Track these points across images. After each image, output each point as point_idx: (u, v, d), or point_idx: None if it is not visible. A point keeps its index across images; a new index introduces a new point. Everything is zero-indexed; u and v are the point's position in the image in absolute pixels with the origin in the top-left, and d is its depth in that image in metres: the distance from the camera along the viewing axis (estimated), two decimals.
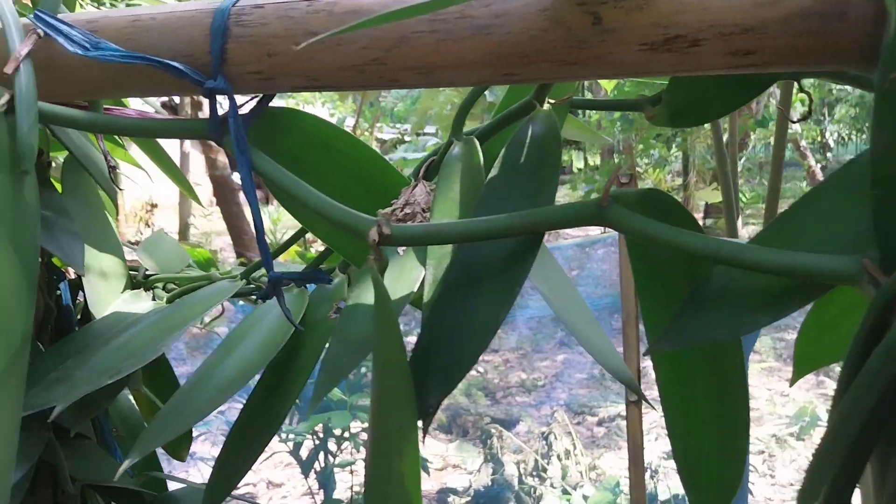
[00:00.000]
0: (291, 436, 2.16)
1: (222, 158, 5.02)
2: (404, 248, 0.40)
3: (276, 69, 0.36)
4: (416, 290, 0.38)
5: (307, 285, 0.47)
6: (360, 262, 0.44)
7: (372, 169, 0.42)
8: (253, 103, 0.40)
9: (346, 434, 2.14)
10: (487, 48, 0.32)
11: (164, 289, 0.62)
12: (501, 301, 0.33)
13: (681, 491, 2.36)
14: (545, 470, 2.37)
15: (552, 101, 0.39)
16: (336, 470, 2.19)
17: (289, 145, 0.41)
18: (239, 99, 0.38)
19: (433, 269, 0.37)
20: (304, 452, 2.22)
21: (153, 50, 0.37)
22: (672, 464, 2.56)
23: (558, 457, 2.43)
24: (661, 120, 0.38)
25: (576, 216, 0.32)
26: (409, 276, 0.39)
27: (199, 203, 0.67)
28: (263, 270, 0.53)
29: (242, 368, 0.41)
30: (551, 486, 2.32)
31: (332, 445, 2.19)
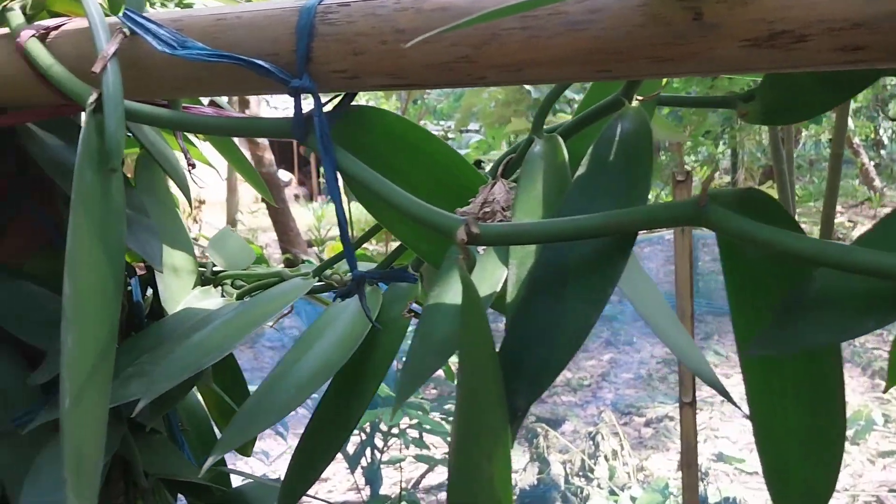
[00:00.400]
0: None
1: (268, 155, 5.09)
2: (484, 247, 0.40)
3: (362, 67, 0.36)
4: (498, 289, 0.38)
5: (380, 283, 0.47)
6: (435, 260, 0.44)
7: (450, 166, 0.42)
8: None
9: (395, 430, 2.15)
10: (580, 45, 0.32)
11: (232, 285, 0.62)
12: (591, 303, 0.32)
13: (731, 493, 2.32)
14: (592, 470, 2.35)
15: (640, 97, 0.38)
16: (383, 466, 2.20)
17: (368, 143, 0.40)
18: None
19: (516, 269, 0.36)
20: (350, 448, 2.23)
21: (238, 48, 0.37)
22: (722, 466, 2.51)
23: (605, 457, 2.40)
24: (754, 117, 0.37)
25: (672, 216, 0.31)
26: (491, 275, 0.38)
27: (271, 201, 0.68)
28: (335, 268, 0.53)
29: (321, 366, 0.41)
30: (598, 486, 2.30)
31: (377, 441, 2.20)
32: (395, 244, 0.52)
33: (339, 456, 2.33)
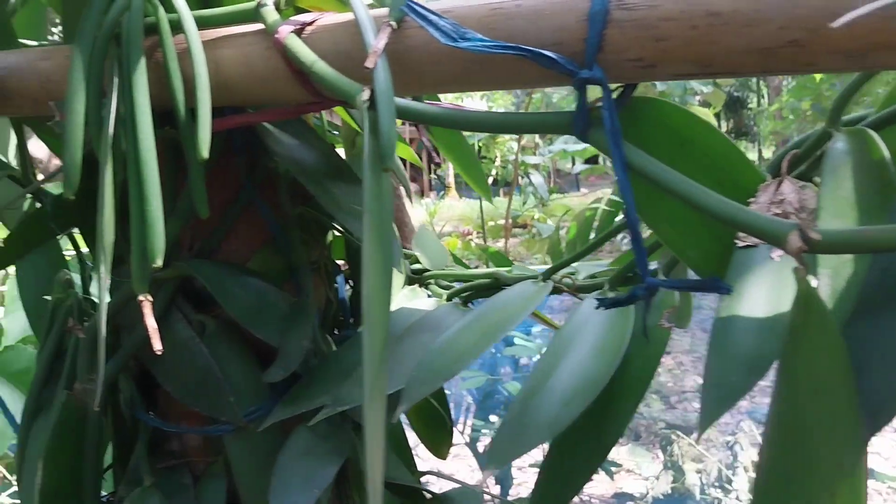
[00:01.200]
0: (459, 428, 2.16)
1: None
2: (779, 254, 0.36)
3: (663, 55, 0.33)
4: None
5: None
6: (702, 267, 0.40)
7: (727, 163, 0.38)
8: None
9: None
10: None
11: (436, 284, 0.61)
12: None
13: None
14: (730, 481, 2.24)
15: None
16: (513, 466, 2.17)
17: (643, 135, 0.37)
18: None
19: (830, 280, 0.32)
20: (479, 447, 2.22)
21: (517, 38, 0.35)
22: (874, 483, 2.34)
23: (745, 468, 2.28)
24: None
25: None
26: (790, 286, 0.34)
27: (490, 200, 0.66)
28: (565, 272, 0.50)
29: (584, 381, 0.38)
30: (737, 499, 2.19)
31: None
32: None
33: (468, 453, 2.32)
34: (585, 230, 1.84)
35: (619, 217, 1.91)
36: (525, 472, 2.56)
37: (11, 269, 1.32)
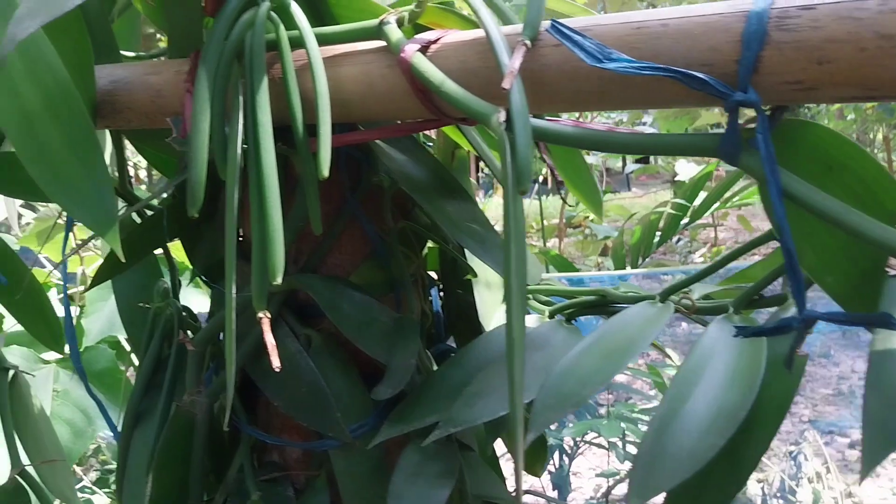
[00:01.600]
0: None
1: None
2: None
3: (826, 78, 0.31)
4: None
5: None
6: (839, 294, 0.39)
7: (875, 187, 0.36)
8: None
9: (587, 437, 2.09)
10: None
11: (534, 299, 0.60)
12: None
13: None
14: (794, 493, 2.18)
15: None
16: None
17: (790, 159, 0.36)
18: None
19: None
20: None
21: (661, 58, 0.34)
22: None
23: (808, 479, 2.22)
24: None
25: None
26: None
27: (600, 218, 0.64)
28: (683, 292, 0.49)
29: (722, 411, 0.37)
30: None
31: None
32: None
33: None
34: (650, 234, 1.81)
35: (685, 221, 1.88)
36: (580, 478, 2.54)
37: (90, 271, 1.35)
